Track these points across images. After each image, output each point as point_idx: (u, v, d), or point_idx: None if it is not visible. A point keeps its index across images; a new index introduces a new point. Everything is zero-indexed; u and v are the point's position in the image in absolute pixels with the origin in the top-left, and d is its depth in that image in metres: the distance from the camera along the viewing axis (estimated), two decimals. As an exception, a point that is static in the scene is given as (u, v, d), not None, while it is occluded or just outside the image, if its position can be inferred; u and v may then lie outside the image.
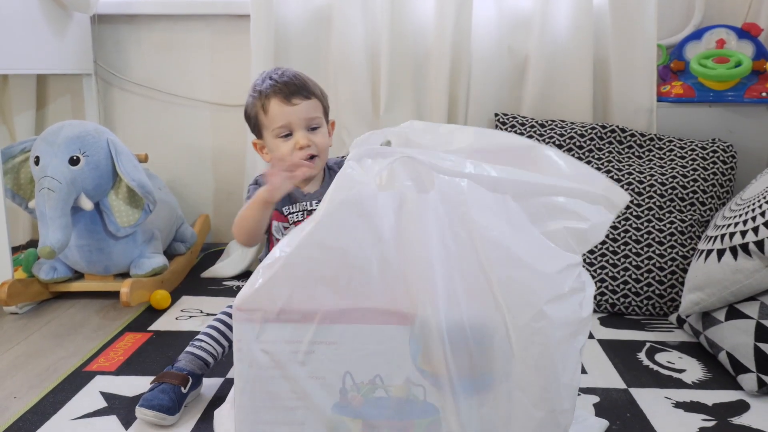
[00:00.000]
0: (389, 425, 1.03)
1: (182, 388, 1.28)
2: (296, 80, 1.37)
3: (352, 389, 1.02)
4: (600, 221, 1.05)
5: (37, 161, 1.75)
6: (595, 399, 1.35)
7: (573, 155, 1.95)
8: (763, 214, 1.43)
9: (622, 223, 1.83)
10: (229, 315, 1.39)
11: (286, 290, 1.00)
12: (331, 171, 1.44)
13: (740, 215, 1.51)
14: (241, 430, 1.05)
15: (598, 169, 1.92)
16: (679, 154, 1.93)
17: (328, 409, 1.03)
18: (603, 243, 1.82)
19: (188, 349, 1.36)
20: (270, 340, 1.01)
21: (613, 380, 1.44)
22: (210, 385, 1.39)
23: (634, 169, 1.91)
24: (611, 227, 1.83)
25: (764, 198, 1.46)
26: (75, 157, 1.75)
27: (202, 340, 1.37)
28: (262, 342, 1.01)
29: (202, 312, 1.85)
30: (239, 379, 1.04)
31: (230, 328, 1.37)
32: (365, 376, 1.02)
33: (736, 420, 1.27)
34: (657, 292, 1.77)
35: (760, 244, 1.40)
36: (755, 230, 1.42)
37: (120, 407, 1.32)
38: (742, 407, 1.32)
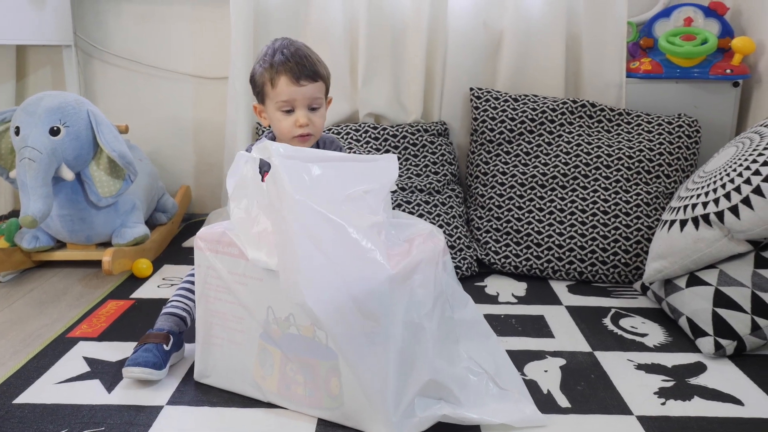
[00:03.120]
0: (299, 360, 1.18)
1: (165, 346, 1.33)
2: (307, 62, 1.42)
3: (273, 322, 1.19)
4: (385, 182, 1.23)
5: (17, 131, 1.76)
6: (562, 362, 1.40)
7: (545, 129, 2.01)
8: (723, 186, 1.48)
9: (591, 194, 1.89)
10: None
11: (227, 237, 1.23)
12: (323, 143, 1.53)
13: (702, 187, 1.57)
14: (200, 341, 1.30)
15: (569, 142, 1.98)
16: (646, 129, 1.99)
17: (257, 335, 1.22)
18: (572, 214, 1.88)
19: (163, 311, 1.42)
20: (217, 268, 1.24)
21: (580, 344, 1.49)
22: (192, 349, 1.42)
23: (603, 143, 1.96)
24: (580, 198, 1.89)
25: (725, 171, 1.52)
26: (55, 128, 1.76)
27: (173, 301, 1.43)
28: (215, 269, 1.25)
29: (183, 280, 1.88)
30: (198, 299, 1.29)
31: None
32: (282, 313, 1.19)
33: (693, 380, 1.33)
34: (623, 260, 1.83)
35: (720, 215, 1.46)
36: (716, 202, 1.48)
37: (103, 372, 1.36)
38: (699, 368, 1.38)
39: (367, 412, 1.14)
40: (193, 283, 1.44)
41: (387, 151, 2.06)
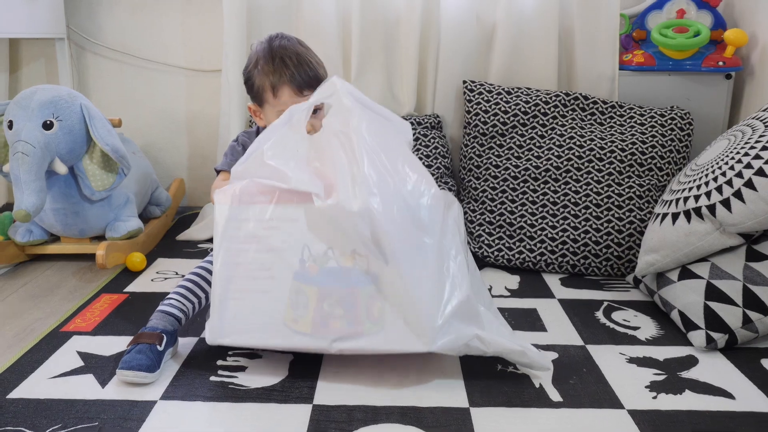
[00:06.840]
0: (339, 292, 1.22)
1: (158, 346, 1.31)
2: (309, 69, 1.42)
3: (309, 260, 1.22)
4: (408, 138, 1.43)
5: (10, 125, 1.76)
6: (554, 355, 1.41)
7: (538, 122, 2.01)
8: (715, 179, 1.49)
9: (584, 187, 1.89)
10: (197, 274, 1.45)
11: (253, 185, 1.26)
12: None
13: (694, 180, 1.57)
14: (216, 300, 1.27)
15: (561, 135, 1.98)
16: (638, 121, 1.99)
17: (290, 277, 1.24)
18: (565, 207, 1.89)
19: (159, 308, 1.40)
20: (242, 218, 1.26)
21: (572, 337, 1.49)
22: (185, 343, 1.44)
23: (595, 136, 1.97)
24: (573, 191, 1.89)
25: (717, 164, 1.52)
26: (48, 122, 1.75)
27: (171, 299, 1.41)
28: (238, 220, 1.26)
29: (177, 274, 1.88)
30: (218, 253, 1.26)
31: (198, 285, 1.44)
32: (319, 249, 1.23)
33: (685, 374, 1.34)
34: (615, 253, 1.84)
35: (711, 208, 1.46)
36: (708, 195, 1.48)
37: (96, 366, 1.35)
38: (690, 362, 1.39)
39: (409, 329, 1.21)
40: (192, 282, 1.44)
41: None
